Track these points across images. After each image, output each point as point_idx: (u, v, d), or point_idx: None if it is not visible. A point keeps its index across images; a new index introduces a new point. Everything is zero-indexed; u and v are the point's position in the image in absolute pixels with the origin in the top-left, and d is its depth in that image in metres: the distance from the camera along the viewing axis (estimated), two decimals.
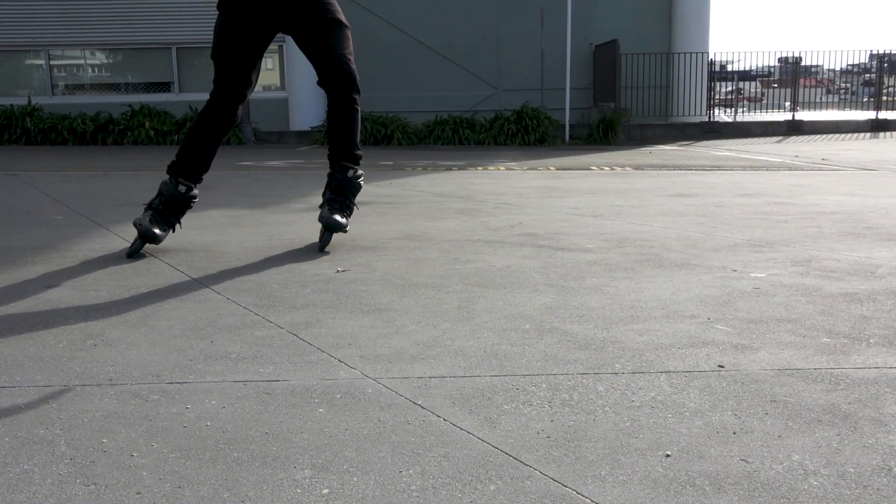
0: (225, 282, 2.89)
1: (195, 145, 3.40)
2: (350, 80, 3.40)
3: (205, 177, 3.51)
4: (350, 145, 3.53)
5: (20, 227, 4.18)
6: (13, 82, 14.74)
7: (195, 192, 3.48)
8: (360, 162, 3.59)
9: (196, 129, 3.40)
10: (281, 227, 4.13)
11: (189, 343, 2.18)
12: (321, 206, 3.54)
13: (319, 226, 3.51)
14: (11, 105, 12.85)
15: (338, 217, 3.46)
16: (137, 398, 1.79)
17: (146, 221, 3.33)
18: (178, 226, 3.49)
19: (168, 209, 3.41)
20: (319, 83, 3.41)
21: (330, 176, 3.57)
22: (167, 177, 3.44)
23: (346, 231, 3.52)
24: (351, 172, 3.53)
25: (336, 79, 3.37)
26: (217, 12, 3.33)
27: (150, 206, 3.40)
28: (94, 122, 12.63)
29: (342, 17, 3.38)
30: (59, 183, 6.48)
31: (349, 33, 3.41)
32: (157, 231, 3.34)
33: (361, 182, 3.61)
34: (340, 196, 3.51)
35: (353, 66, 3.41)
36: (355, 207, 3.61)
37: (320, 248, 3.47)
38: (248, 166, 8.47)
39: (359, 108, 3.52)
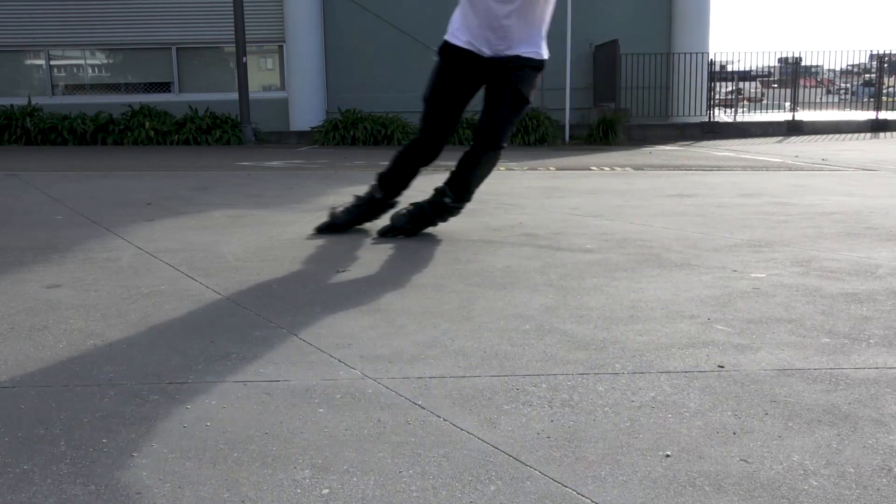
0: (225, 282, 2.89)
1: (398, 168, 3.89)
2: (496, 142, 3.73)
3: (205, 177, 3.54)
4: (473, 186, 3.90)
5: (20, 227, 4.18)
6: (13, 82, 14.75)
7: (397, 199, 3.99)
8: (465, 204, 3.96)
9: (401, 156, 3.88)
10: (281, 227, 4.13)
11: (189, 343, 2.18)
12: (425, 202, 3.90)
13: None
14: (11, 105, 12.86)
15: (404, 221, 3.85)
16: (137, 398, 1.79)
17: (339, 211, 3.96)
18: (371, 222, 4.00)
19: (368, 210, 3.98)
20: (477, 128, 3.77)
21: (441, 193, 3.88)
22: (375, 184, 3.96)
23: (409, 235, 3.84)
24: (455, 203, 3.90)
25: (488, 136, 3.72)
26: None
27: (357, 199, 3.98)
28: (94, 122, 12.64)
29: (529, 93, 3.69)
30: (59, 183, 6.48)
31: (524, 110, 3.77)
32: (345, 219, 3.94)
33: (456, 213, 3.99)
34: (436, 213, 3.90)
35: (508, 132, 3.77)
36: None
37: (380, 232, 3.87)
38: (248, 166, 8.47)
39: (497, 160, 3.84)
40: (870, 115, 15.77)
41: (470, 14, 3.57)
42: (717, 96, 15.65)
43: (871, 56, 17.40)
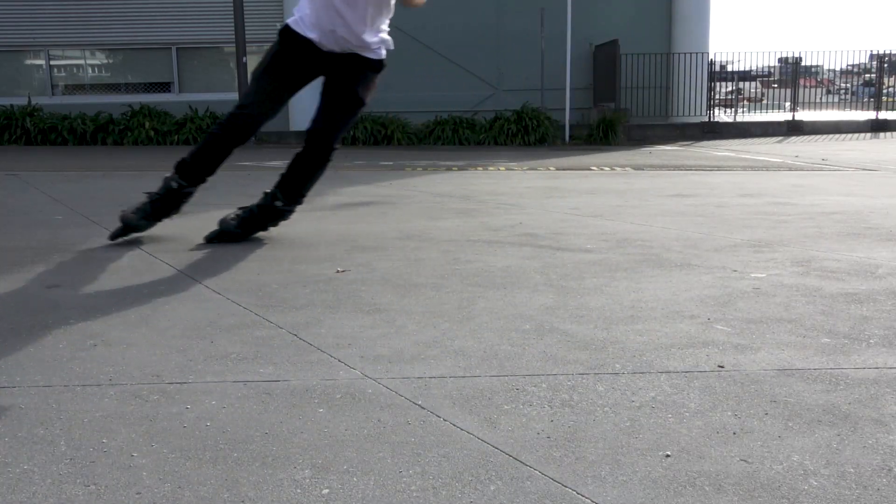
0: (225, 282, 2.89)
1: (207, 149, 3.67)
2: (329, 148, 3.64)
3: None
4: (305, 189, 3.79)
5: (20, 227, 4.18)
6: (13, 82, 14.74)
7: (193, 189, 3.71)
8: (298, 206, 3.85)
9: (212, 136, 3.66)
10: (281, 227, 4.13)
11: (189, 343, 2.18)
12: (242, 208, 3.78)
13: (320, 226, 3.53)
14: (11, 105, 12.85)
15: (234, 224, 3.69)
16: (137, 398, 1.79)
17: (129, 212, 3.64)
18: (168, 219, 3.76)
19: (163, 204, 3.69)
20: (309, 129, 3.61)
21: (272, 196, 3.74)
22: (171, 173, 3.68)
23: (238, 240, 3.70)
24: (286, 206, 3.78)
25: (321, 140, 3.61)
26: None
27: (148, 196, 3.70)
28: (94, 122, 12.63)
29: (366, 96, 3.60)
30: (59, 183, 6.48)
31: (359, 112, 3.67)
32: (139, 221, 3.64)
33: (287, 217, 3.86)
34: (266, 218, 3.76)
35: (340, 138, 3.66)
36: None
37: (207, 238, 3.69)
38: (248, 166, 8.46)
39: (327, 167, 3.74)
40: (870, 115, 15.76)
41: (314, 6, 3.45)
42: (717, 96, 15.65)
43: (871, 56, 17.40)
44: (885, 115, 15.62)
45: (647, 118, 14.78)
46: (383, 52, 3.61)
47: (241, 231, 3.69)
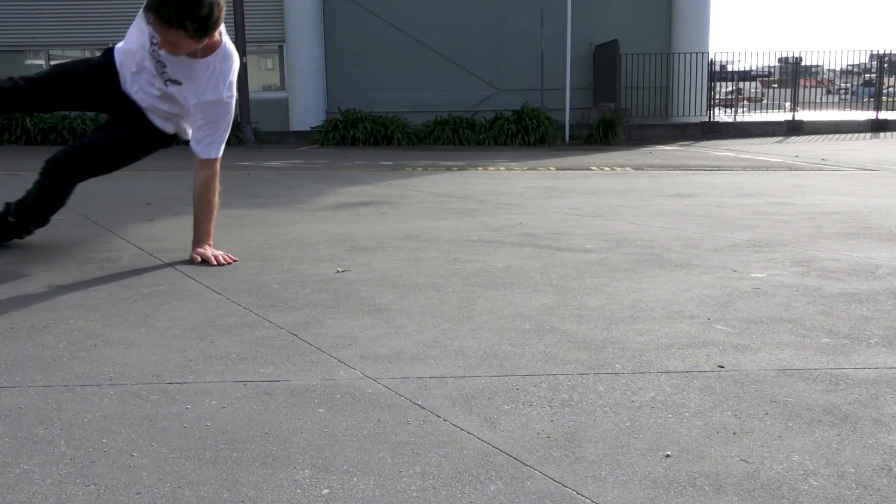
0: (225, 282, 2.89)
1: None
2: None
3: None
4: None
5: None
6: None
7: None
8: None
9: None
10: (281, 227, 4.13)
11: (189, 343, 2.18)
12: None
13: (320, 226, 3.52)
14: None
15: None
16: (137, 398, 1.79)
17: None
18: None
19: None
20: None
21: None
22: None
23: None
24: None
25: None
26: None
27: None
28: (94, 122, 12.63)
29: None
30: None
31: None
32: None
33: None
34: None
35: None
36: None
37: None
38: (248, 166, 8.47)
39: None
40: (870, 115, 15.77)
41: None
42: (717, 96, 15.66)
43: (871, 56, 17.40)
44: (885, 115, 15.63)
45: (647, 118, 14.79)
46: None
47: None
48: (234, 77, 3.17)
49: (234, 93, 3.21)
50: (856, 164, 8.31)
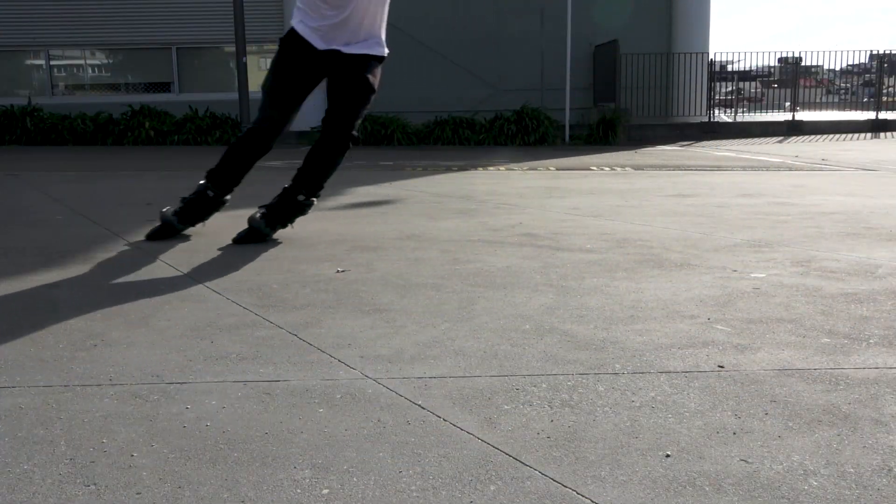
0: (225, 282, 2.89)
1: (231, 161, 3.79)
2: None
3: None
4: (323, 179, 3.76)
5: (20, 227, 4.18)
6: (13, 82, 14.74)
7: (228, 197, 3.90)
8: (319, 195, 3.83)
9: (234, 148, 3.80)
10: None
11: (189, 343, 2.18)
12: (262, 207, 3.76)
13: (320, 226, 3.53)
14: (11, 105, 12.84)
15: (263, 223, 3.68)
16: (137, 398, 1.79)
17: (169, 213, 3.75)
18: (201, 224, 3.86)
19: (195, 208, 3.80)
20: (324, 118, 3.65)
21: (293, 190, 3.74)
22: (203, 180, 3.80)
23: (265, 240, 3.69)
24: (308, 200, 3.76)
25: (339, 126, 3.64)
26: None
27: (182, 200, 3.81)
28: (94, 122, 12.62)
29: (374, 82, 3.64)
30: (59, 183, 6.48)
31: (370, 98, 3.67)
32: (175, 220, 3.75)
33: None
34: (290, 212, 3.74)
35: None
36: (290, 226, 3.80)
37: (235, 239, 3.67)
38: None
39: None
40: (870, 115, 15.76)
41: (308, 14, 3.54)
42: (717, 96, 15.65)
43: (871, 56, 17.39)
44: (885, 115, 15.61)
45: (647, 118, 14.78)
46: (384, 49, 3.66)
47: (271, 230, 3.70)
48: None
49: None
50: (856, 164, 8.31)
